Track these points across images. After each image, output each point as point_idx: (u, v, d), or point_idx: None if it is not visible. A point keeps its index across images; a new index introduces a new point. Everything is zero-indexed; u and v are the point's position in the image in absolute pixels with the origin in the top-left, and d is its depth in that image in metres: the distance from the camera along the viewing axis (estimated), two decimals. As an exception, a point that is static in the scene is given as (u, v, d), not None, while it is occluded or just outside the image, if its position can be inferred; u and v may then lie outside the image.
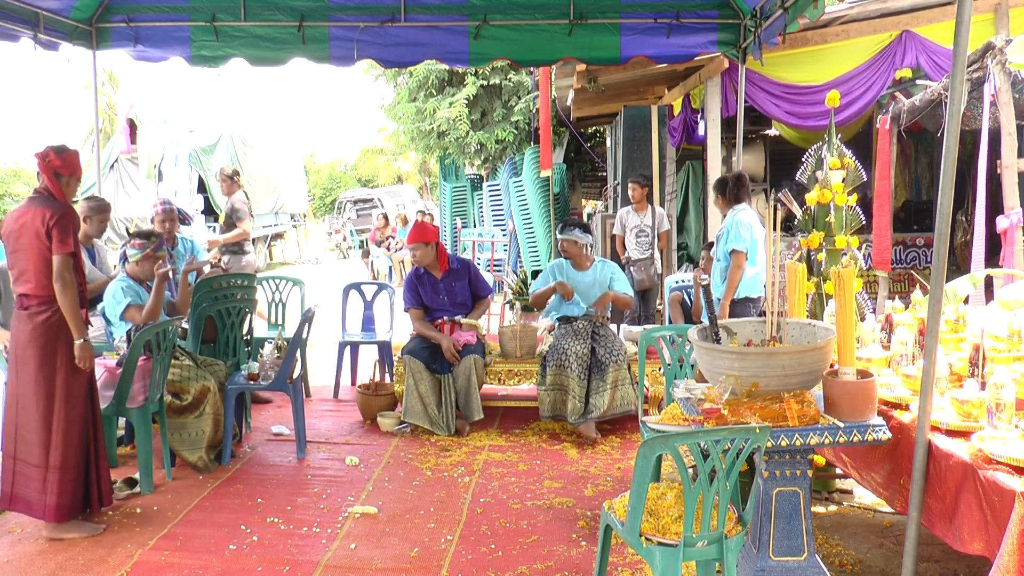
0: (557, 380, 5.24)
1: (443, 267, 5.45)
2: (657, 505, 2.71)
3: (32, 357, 3.63)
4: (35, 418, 3.64)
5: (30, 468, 3.66)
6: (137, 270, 4.53)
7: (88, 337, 3.69)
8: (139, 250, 4.51)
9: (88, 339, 3.69)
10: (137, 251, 4.51)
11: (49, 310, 3.61)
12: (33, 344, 3.62)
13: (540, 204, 11.79)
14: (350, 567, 3.40)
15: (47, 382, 3.64)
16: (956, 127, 2.60)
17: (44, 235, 3.54)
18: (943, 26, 6.12)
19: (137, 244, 4.53)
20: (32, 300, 3.62)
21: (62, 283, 3.56)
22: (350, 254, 22.48)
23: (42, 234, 3.54)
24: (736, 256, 5.14)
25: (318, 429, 5.41)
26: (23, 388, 3.66)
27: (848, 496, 4.07)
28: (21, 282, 3.63)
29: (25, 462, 3.67)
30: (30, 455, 3.66)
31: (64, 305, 3.59)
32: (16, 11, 5.17)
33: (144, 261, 4.50)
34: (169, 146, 14.66)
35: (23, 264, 3.61)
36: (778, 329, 2.97)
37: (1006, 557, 2.11)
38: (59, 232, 3.54)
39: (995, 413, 2.52)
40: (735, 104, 6.43)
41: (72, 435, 3.68)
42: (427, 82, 14.55)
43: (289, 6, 5.69)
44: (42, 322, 3.61)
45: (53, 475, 3.63)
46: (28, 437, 3.65)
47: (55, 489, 3.63)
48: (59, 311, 3.61)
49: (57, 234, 3.54)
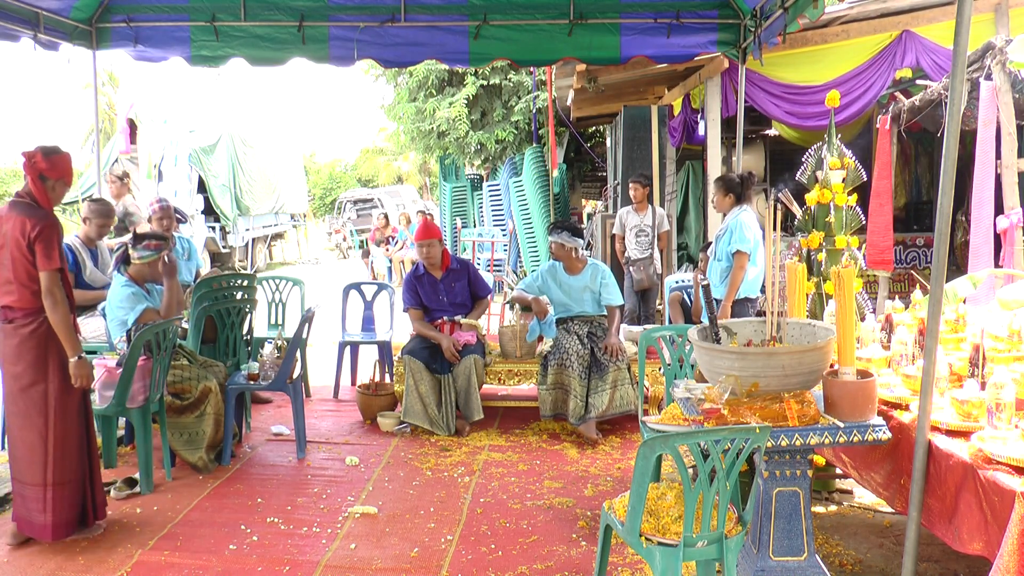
0: (559, 379, 5.24)
1: (443, 267, 5.45)
2: (657, 505, 2.71)
3: (22, 372, 3.48)
4: (30, 435, 3.51)
5: (27, 488, 3.54)
6: (145, 272, 4.41)
7: (83, 353, 3.57)
8: (154, 251, 4.37)
9: (84, 356, 3.56)
10: (152, 252, 4.37)
11: (35, 321, 3.46)
12: (22, 359, 3.48)
13: (540, 204, 11.79)
14: (350, 567, 3.40)
15: (40, 397, 3.50)
16: (956, 127, 2.60)
17: (26, 248, 3.37)
18: (943, 26, 6.13)
19: (153, 245, 4.38)
20: (17, 312, 3.46)
21: (52, 300, 3.41)
22: (350, 254, 22.48)
23: (23, 246, 3.37)
24: (739, 257, 5.14)
25: (318, 429, 5.41)
26: (14, 406, 3.53)
27: (848, 496, 4.07)
28: (4, 292, 3.47)
29: (20, 481, 3.56)
30: (25, 474, 3.54)
31: (56, 323, 3.44)
32: (16, 11, 5.17)
33: (152, 265, 4.40)
34: (169, 146, 14.65)
35: (6, 274, 3.44)
36: (778, 329, 2.97)
37: (1006, 557, 2.11)
38: (43, 247, 3.37)
39: (995, 413, 2.52)
40: (735, 104, 6.43)
41: (68, 450, 3.56)
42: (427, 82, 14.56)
43: (289, 6, 5.69)
44: (29, 334, 3.46)
45: (51, 493, 3.51)
46: (24, 455, 3.53)
47: (52, 507, 3.52)
48: (46, 321, 3.46)
49: (41, 249, 3.36)
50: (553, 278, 5.48)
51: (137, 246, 4.39)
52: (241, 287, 5.36)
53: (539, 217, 11.83)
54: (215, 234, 15.53)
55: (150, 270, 4.42)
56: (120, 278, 4.41)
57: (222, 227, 15.77)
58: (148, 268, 4.41)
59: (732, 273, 5.19)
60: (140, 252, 4.37)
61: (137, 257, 4.38)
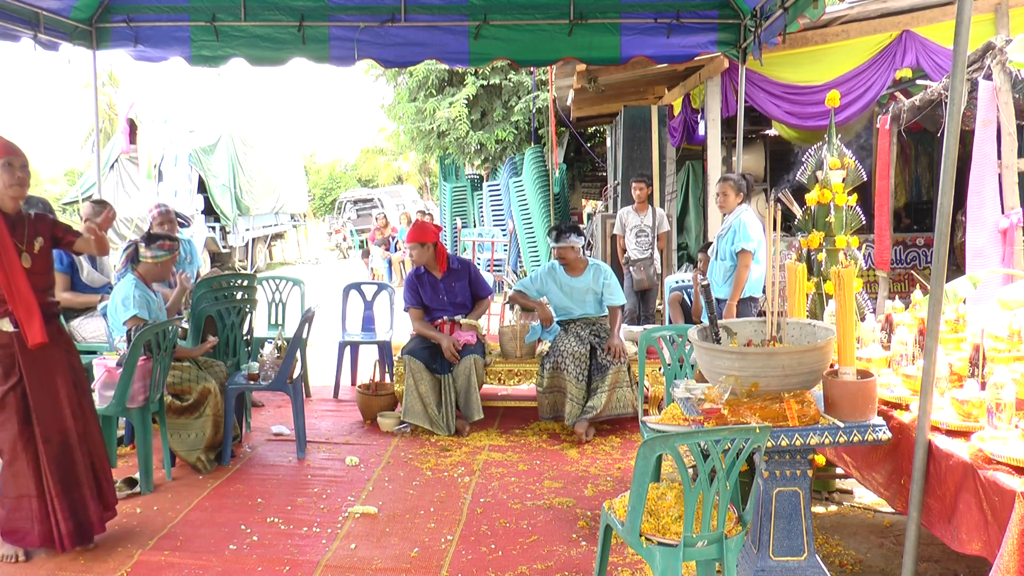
0: (554, 382, 5.24)
1: (443, 268, 5.44)
2: (657, 505, 2.71)
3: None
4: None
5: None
6: (155, 271, 4.43)
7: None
8: (167, 252, 4.41)
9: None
10: (166, 252, 4.40)
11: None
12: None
13: (540, 204, 11.79)
14: (350, 567, 3.40)
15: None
16: (956, 127, 2.60)
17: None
18: (943, 26, 6.13)
19: (167, 246, 4.41)
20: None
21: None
22: (350, 254, 22.49)
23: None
24: (744, 256, 5.16)
25: (318, 429, 5.41)
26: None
27: (848, 496, 4.07)
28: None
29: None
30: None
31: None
32: (16, 11, 5.17)
33: (164, 264, 4.43)
34: (169, 146, 14.65)
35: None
36: (778, 329, 2.97)
37: (1006, 557, 2.11)
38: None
39: (995, 413, 2.52)
40: (735, 104, 6.44)
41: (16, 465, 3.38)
42: (427, 82, 14.57)
43: (289, 6, 5.69)
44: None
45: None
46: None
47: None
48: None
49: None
50: (553, 280, 5.47)
51: (151, 245, 4.40)
52: (241, 287, 5.36)
53: (539, 217, 11.84)
54: (215, 234, 15.53)
55: (160, 270, 4.45)
56: (130, 276, 4.40)
57: (222, 227, 15.78)
58: (159, 268, 4.44)
59: (737, 272, 5.20)
60: (154, 252, 4.39)
61: (151, 256, 4.39)
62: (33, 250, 3.43)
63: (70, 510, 3.46)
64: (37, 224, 3.50)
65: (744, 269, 5.16)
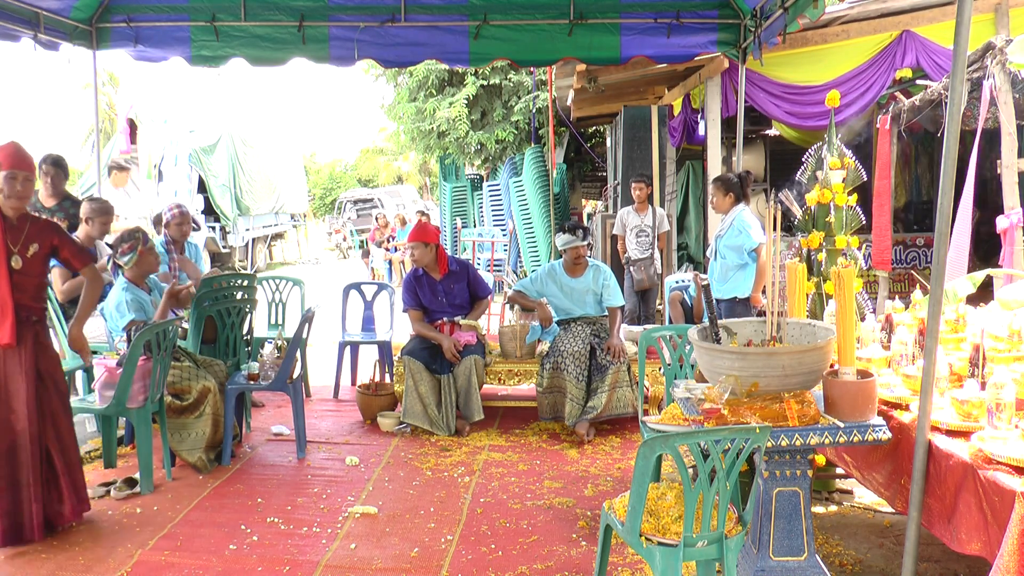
0: (553, 383, 5.24)
1: (442, 270, 5.44)
2: (657, 505, 2.71)
3: None
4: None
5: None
6: (138, 270, 4.54)
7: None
8: (132, 252, 4.49)
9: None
10: (132, 254, 4.49)
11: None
12: None
13: (540, 204, 11.80)
14: (350, 567, 3.40)
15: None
16: (956, 127, 2.60)
17: None
18: (943, 26, 6.13)
19: (127, 248, 4.48)
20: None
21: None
22: (350, 254, 22.49)
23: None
24: (759, 251, 5.34)
25: (318, 429, 5.41)
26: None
27: (848, 496, 4.07)
28: None
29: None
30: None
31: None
32: (16, 11, 5.17)
33: (141, 259, 4.51)
34: (169, 146, 14.65)
35: None
36: (778, 329, 2.97)
37: (1006, 557, 2.11)
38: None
39: (995, 413, 2.52)
40: (735, 104, 6.44)
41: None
42: (427, 82, 14.57)
43: (289, 6, 5.69)
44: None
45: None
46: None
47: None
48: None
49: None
50: (554, 280, 5.47)
51: (118, 255, 4.51)
52: (241, 287, 5.36)
53: (539, 217, 11.84)
54: (215, 234, 15.52)
55: (142, 267, 4.54)
56: (120, 281, 4.54)
57: (222, 227, 15.78)
58: (139, 266, 4.54)
59: (759, 266, 5.35)
60: (123, 259, 4.50)
61: (124, 263, 4.51)
62: (26, 253, 3.50)
63: (5, 510, 3.53)
64: (40, 231, 3.57)
65: (764, 263, 5.25)
